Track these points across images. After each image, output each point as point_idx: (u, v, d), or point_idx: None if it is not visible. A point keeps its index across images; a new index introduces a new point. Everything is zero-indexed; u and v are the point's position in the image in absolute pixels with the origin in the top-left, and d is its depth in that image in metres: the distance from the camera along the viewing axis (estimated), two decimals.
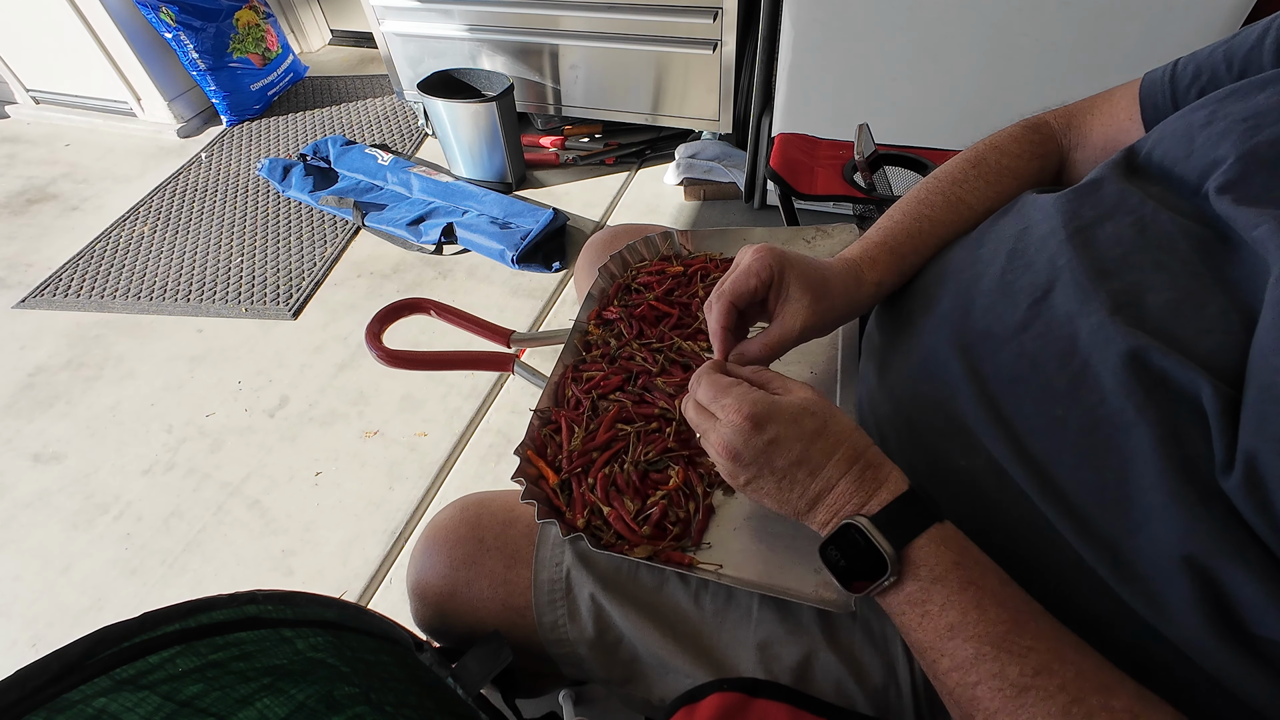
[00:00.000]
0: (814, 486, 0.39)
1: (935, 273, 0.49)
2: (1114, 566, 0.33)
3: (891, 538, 0.36)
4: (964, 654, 0.33)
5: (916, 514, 0.36)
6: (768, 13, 1.42)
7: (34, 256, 1.84)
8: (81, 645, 0.33)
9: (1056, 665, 0.32)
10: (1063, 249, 0.40)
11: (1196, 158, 0.40)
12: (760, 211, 1.77)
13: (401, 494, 1.22)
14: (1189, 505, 0.31)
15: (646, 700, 0.50)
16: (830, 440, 0.39)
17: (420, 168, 1.92)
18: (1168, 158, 0.42)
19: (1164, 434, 0.32)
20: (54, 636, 1.08)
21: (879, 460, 0.39)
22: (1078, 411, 0.35)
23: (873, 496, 0.38)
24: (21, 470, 1.31)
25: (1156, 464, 0.32)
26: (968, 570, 0.35)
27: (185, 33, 2.09)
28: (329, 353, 1.50)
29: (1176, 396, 0.32)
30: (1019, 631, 0.33)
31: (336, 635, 0.45)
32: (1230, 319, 0.33)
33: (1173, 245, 0.37)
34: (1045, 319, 0.39)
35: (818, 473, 0.39)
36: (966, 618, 0.34)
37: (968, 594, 0.34)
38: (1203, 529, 0.30)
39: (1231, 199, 0.36)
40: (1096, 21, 1.13)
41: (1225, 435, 0.30)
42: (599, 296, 0.67)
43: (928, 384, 0.44)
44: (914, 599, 0.36)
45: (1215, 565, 0.30)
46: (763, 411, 0.38)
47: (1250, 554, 0.29)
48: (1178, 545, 0.31)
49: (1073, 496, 0.35)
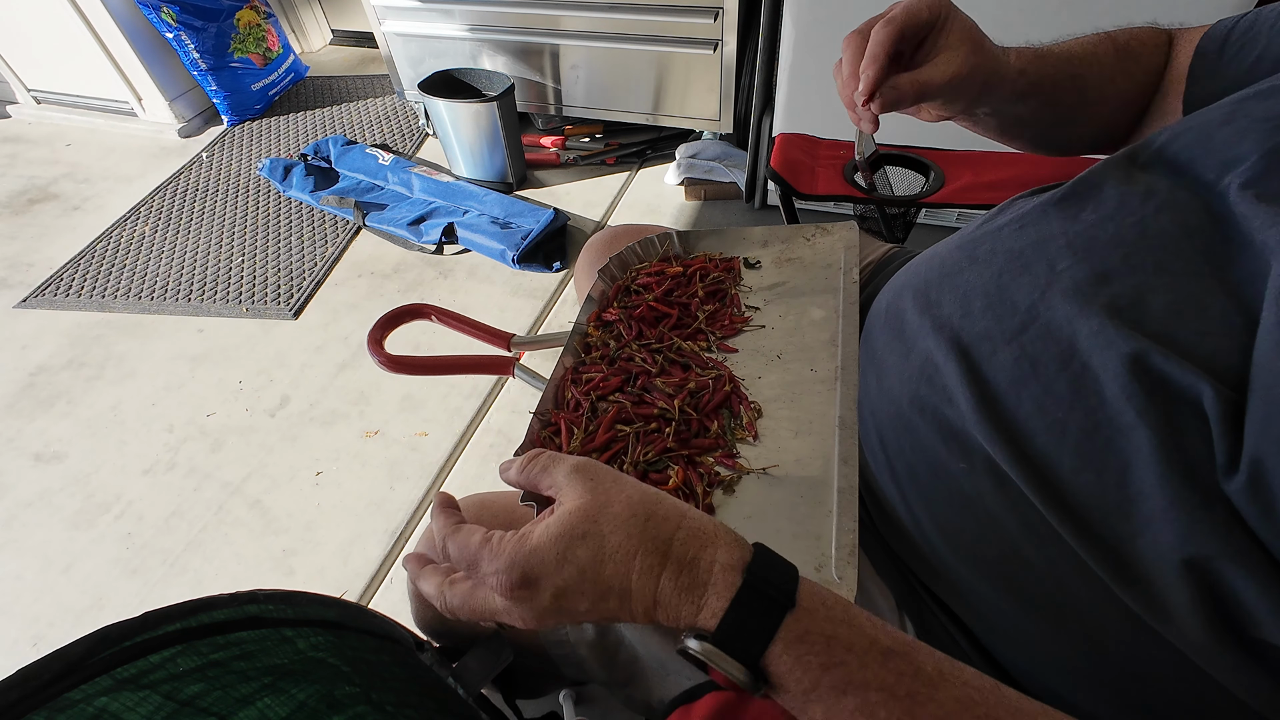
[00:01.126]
0: (638, 608, 0.32)
1: (933, 274, 0.49)
2: (1115, 569, 0.33)
3: (739, 654, 0.29)
4: None
5: (763, 611, 0.30)
6: (769, 13, 1.42)
7: (35, 256, 1.84)
8: (83, 644, 0.33)
9: None
10: (1062, 253, 0.40)
11: (1215, 153, 0.39)
12: (761, 211, 1.77)
13: (402, 494, 1.22)
14: (1190, 508, 0.30)
15: (647, 701, 0.50)
16: (617, 560, 0.31)
17: (421, 168, 1.92)
18: (1183, 153, 0.41)
19: (1165, 437, 0.32)
20: (55, 636, 1.08)
21: (696, 547, 0.32)
22: (1078, 414, 0.35)
23: (702, 604, 0.30)
24: (23, 470, 1.31)
25: (1157, 467, 0.32)
26: (842, 669, 0.29)
27: (186, 33, 2.10)
28: (330, 352, 1.50)
29: (1177, 399, 0.32)
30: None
31: (337, 635, 0.45)
32: (1232, 320, 0.33)
33: (1175, 246, 0.37)
34: (1044, 321, 0.38)
35: (628, 596, 0.31)
36: None
37: (849, 699, 0.28)
38: (1204, 532, 0.30)
39: (1254, 194, 0.35)
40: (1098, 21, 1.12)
41: (1227, 438, 0.30)
42: (599, 298, 0.67)
43: (926, 386, 0.44)
44: (795, 707, 0.30)
45: (1216, 568, 0.30)
46: (524, 573, 0.31)
47: (1252, 557, 0.29)
48: (1179, 548, 0.31)
49: (1073, 499, 0.35)
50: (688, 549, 0.31)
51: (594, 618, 0.33)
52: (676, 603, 0.31)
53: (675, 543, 0.32)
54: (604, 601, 0.32)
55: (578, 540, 0.31)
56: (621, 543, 0.31)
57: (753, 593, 0.30)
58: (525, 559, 0.32)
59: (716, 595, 0.30)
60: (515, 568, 0.32)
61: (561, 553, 0.31)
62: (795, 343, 0.60)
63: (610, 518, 0.32)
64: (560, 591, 0.31)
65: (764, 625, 0.29)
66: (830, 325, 0.61)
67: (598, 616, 0.33)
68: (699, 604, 0.30)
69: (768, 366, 0.59)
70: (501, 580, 0.32)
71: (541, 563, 0.31)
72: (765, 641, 0.29)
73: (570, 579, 0.31)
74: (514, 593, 0.32)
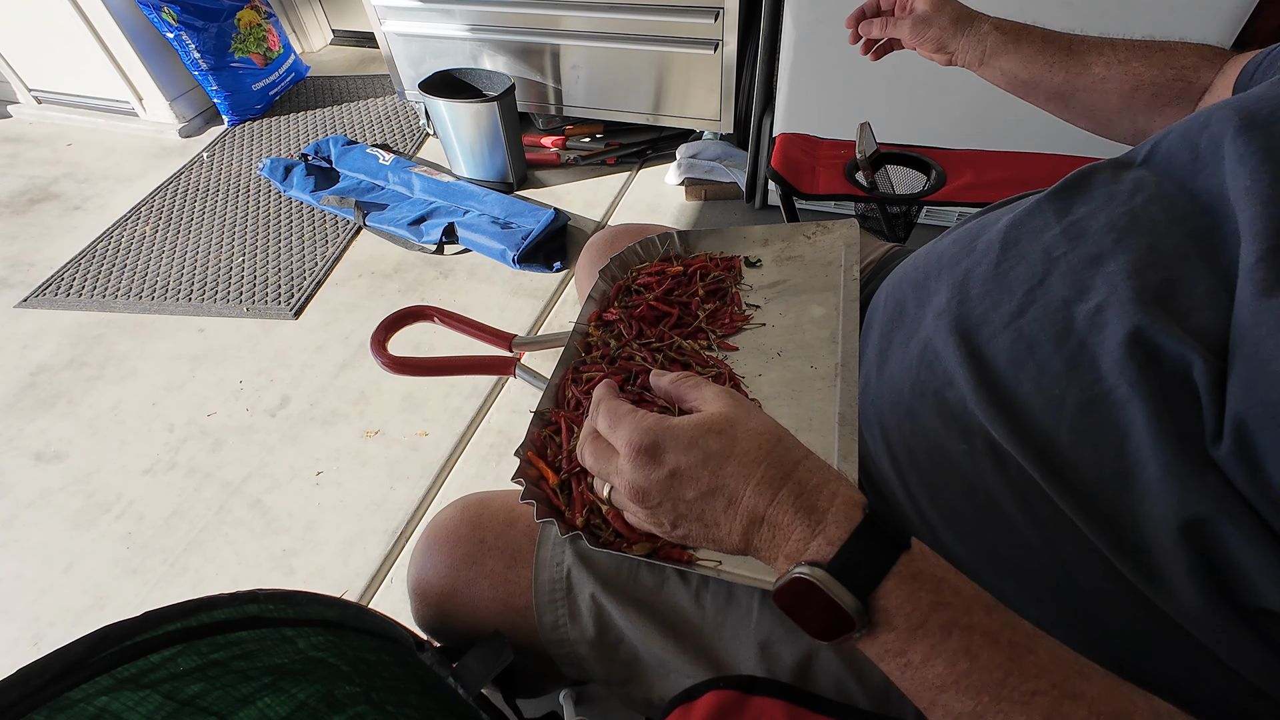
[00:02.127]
0: (738, 520, 0.33)
1: (931, 266, 0.50)
2: (1113, 540, 0.34)
3: (854, 585, 0.29)
4: (959, 708, 0.29)
5: (880, 548, 0.30)
6: (769, 13, 1.42)
7: (36, 256, 1.84)
8: (83, 644, 0.33)
9: (1067, 706, 0.28)
10: (1058, 240, 0.42)
11: (1200, 160, 0.41)
12: (762, 211, 1.77)
13: (402, 493, 1.22)
14: (1184, 477, 0.32)
15: (647, 700, 0.50)
16: (742, 462, 0.33)
17: (421, 167, 1.92)
18: (1172, 157, 0.43)
19: (1158, 408, 0.33)
20: (56, 635, 1.08)
21: (819, 478, 0.33)
22: (1075, 390, 0.36)
23: (819, 530, 0.31)
24: (23, 469, 1.31)
25: (1151, 438, 0.33)
26: (950, 610, 0.29)
27: (187, 32, 2.10)
28: (330, 352, 1.50)
29: (1169, 371, 0.33)
30: (1019, 674, 0.28)
31: (337, 634, 0.45)
32: (1220, 297, 0.34)
33: (1164, 231, 0.39)
34: (1041, 303, 0.40)
35: (736, 501, 0.32)
36: (956, 668, 0.29)
37: (954, 639, 0.29)
38: (1197, 499, 0.31)
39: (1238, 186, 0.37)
40: (1099, 21, 1.12)
41: (1215, 406, 0.31)
42: (599, 299, 0.67)
43: (926, 371, 0.44)
44: (892, 649, 0.30)
45: (1210, 534, 0.31)
46: (655, 440, 0.33)
47: (1244, 522, 0.30)
48: (1173, 516, 0.32)
49: (1072, 473, 0.36)
50: (811, 477, 0.33)
51: (696, 529, 0.34)
52: (788, 523, 0.31)
53: (800, 469, 0.33)
54: (710, 499, 0.33)
55: (713, 433, 0.33)
56: (751, 449, 0.33)
57: (872, 528, 0.31)
58: (661, 431, 0.34)
59: (836, 525, 0.31)
60: (649, 434, 0.34)
61: (694, 437, 0.33)
62: (795, 340, 0.60)
63: (746, 429, 0.34)
64: (677, 471, 0.33)
65: (880, 560, 0.30)
66: (830, 322, 0.61)
67: (692, 521, 0.34)
68: (814, 529, 0.31)
69: (768, 364, 0.59)
70: (633, 439, 0.34)
71: (674, 439, 0.33)
72: (880, 575, 0.30)
73: (692, 462, 0.33)
74: (638, 456, 0.33)
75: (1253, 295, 0.32)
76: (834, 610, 0.30)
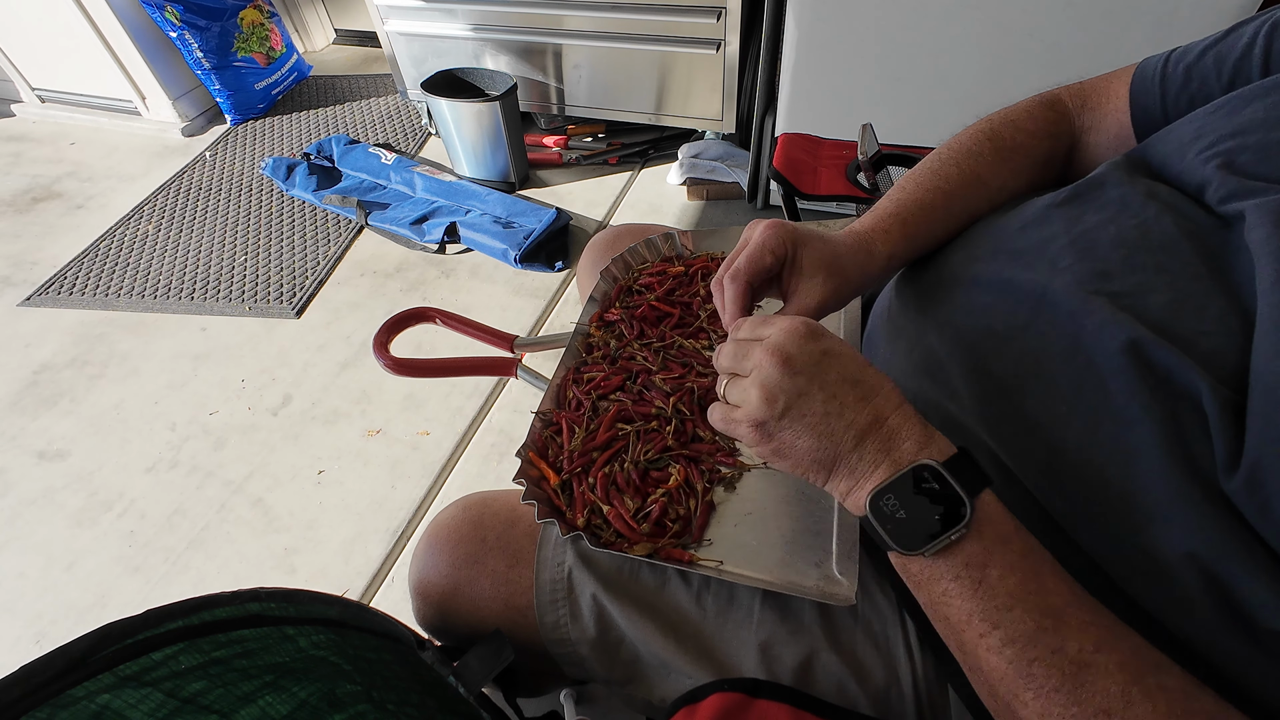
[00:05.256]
0: (863, 415, 0.35)
1: (934, 275, 0.49)
2: (1121, 563, 0.34)
3: (968, 483, 0.32)
4: (1023, 627, 0.30)
5: (977, 466, 0.33)
6: (771, 13, 1.42)
7: (39, 255, 1.84)
8: (85, 642, 0.33)
9: (1115, 641, 0.30)
10: (1065, 252, 0.40)
11: (1189, 173, 0.40)
12: (763, 211, 1.77)
13: (404, 493, 1.22)
14: (1194, 503, 0.31)
15: (648, 700, 0.50)
16: (877, 373, 0.37)
17: (424, 167, 1.92)
18: (1169, 166, 0.42)
19: (1168, 431, 0.32)
20: (58, 633, 1.08)
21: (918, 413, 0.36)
22: (1082, 408, 0.36)
23: (930, 442, 0.34)
24: (26, 467, 1.31)
25: (1160, 461, 0.32)
26: (1027, 536, 0.32)
27: (190, 32, 2.10)
28: (332, 351, 1.50)
29: (1180, 395, 0.32)
30: (1077, 604, 0.31)
31: (339, 633, 0.45)
32: (1230, 321, 0.33)
33: (1175, 248, 0.37)
34: (1048, 317, 0.39)
35: (870, 398, 0.35)
36: (1027, 586, 0.31)
37: (1029, 560, 0.32)
38: (1207, 527, 0.30)
39: (1235, 206, 0.36)
40: (1101, 21, 1.12)
41: (1225, 435, 0.30)
42: (601, 299, 0.67)
43: (929, 381, 0.44)
44: (974, 561, 0.32)
45: (1219, 563, 0.30)
46: (818, 327, 0.38)
47: (1254, 552, 0.29)
48: (1182, 542, 0.31)
49: (1078, 492, 0.35)
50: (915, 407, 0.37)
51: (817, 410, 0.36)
52: (905, 431, 0.35)
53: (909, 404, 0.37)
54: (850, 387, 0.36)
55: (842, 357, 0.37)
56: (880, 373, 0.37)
57: (969, 456, 0.34)
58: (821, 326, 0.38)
59: (943, 442, 0.35)
60: (812, 321, 0.38)
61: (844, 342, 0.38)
62: None
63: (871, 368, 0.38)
64: (831, 351, 0.37)
65: (981, 474, 0.33)
66: (832, 324, 0.61)
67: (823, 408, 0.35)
68: (927, 440, 0.34)
69: None
70: (794, 322, 0.38)
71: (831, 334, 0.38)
72: (984, 483, 0.33)
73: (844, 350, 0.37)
74: (800, 327, 0.37)
75: (1272, 325, 0.30)
76: (946, 501, 0.32)
